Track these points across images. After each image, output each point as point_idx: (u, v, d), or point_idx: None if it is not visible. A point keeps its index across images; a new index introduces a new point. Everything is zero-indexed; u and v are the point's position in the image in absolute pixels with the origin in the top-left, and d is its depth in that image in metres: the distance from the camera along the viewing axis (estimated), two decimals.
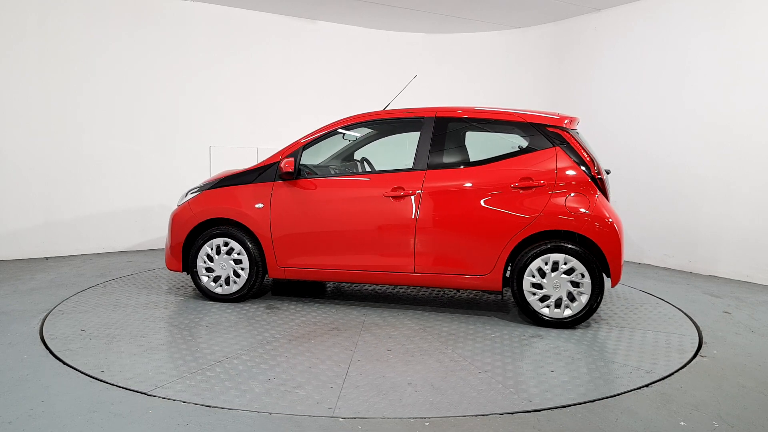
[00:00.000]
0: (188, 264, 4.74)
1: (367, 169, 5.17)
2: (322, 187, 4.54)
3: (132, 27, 6.97)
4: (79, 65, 6.69)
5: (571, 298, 4.14)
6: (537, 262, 4.14)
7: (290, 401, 2.91)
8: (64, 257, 6.65)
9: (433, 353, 3.66)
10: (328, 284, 5.45)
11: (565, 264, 4.11)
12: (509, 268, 4.28)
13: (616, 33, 7.18)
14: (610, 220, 4.10)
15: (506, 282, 4.34)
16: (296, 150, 4.59)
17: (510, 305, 4.79)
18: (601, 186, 4.25)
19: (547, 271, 4.14)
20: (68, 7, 6.59)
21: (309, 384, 3.14)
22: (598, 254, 4.14)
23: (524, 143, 4.38)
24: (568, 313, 4.15)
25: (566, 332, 4.08)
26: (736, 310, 4.79)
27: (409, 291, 5.27)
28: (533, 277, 4.17)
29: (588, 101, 7.58)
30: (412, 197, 4.33)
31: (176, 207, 4.90)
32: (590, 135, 7.55)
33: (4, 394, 2.90)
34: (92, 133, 6.82)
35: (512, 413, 2.79)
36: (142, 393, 2.94)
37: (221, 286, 4.68)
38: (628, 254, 7.14)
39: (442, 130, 4.48)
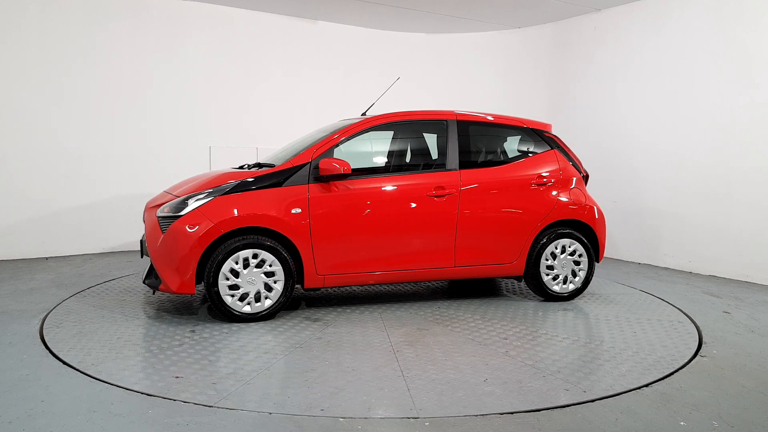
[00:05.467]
0: (204, 283, 4.10)
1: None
2: (364, 188, 4.41)
3: (132, 27, 6.97)
4: (79, 65, 6.70)
5: (573, 274, 4.95)
6: (550, 248, 4.87)
7: (551, 397, 2.99)
8: (64, 257, 6.65)
9: (543, 336, 4.01)
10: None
11: (570, 247, 4.92)
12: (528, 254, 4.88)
13: (616, 33, 7.19)
14: (598, 208, 5.07)
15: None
16: (329, 150, 4.38)
17: (501, 287, 4.84)
18: (586, 181, 5.19)
19: (557, 255, 4.89)
20: (68, 7, 6.59)
21: (530, 378, 3.23)
22: (590, 237, 5.03)
23: (529, 146, 5.06)
24: (571, 287, 4.96)
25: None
26: (736, 310, 4.79)
27: (401, 287, 5.28)
28: (547, 260, 4.87)
29: (587, 101, 7.58)
30: (453, 196, 4.58)
31: (172, 216, 4.10)
32: (589, 135, 7.58)
33: (4, 394, 2.90)
34: (92, 133, 6.82)
35: (512, 413, 2.79)
36: (142, 393, 2.94)
37: (249, 304, 4.14)
38: (628, 254, 7.15)
39: (465, 133, 4.84)
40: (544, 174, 4.91)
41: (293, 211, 4.20)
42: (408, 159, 5.02)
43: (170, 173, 7.17)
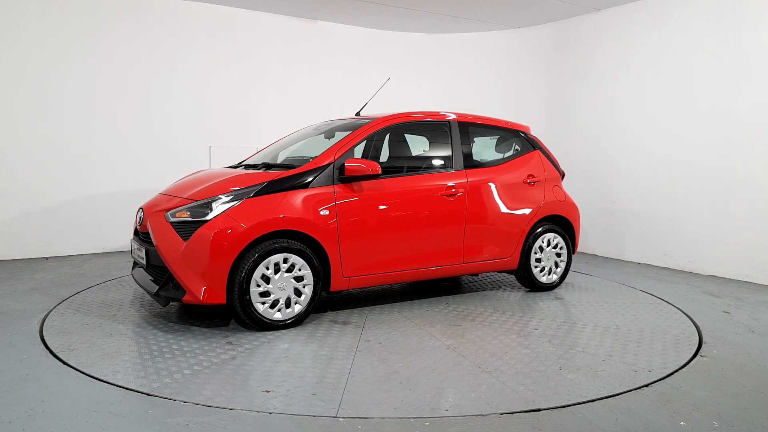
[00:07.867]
0: (232, 292, 3.85)
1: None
2: (386, 188, 4.42)
3: (131, 26, 6.97)
4: (79, 65, 6.69)
5: (556, 265, 5.37)
6: (538, 242, 5.22)
7: (630, 378, 3.23)
8: (64, 257, 6.65)
9: (566, 325, 4.26)
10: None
11: (554, 240, 5.32)
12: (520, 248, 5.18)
13: (616, 33, 7.19)
14: (575, 205, 5.51)
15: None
16: (349, 150, 4.35)
17: (487, 280, 4.99)
18: (562, 179, 5.57)
19: (544, 248, 5.27)
20: (68, 7, 6.59)
21: (596, 364, 3.42)
22: (568, 231, 5.46)
23: (517, 147, 5.37)
24: (554, 278, 5.38)
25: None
26: (736, 310, 4.79)
27: (388, 285, 5.28)
28: (536, 253, 5.22)
29: (587, 101, 7.58)
30: (462, 195, 4.77)
31: (195, 221, 3.84)
32: (589, 135, 7.58)
33: (4, 394, 2.90)
34: (92, 132, 6.82)
35: (512, 413, 2.79)
36: (142, 393, 2.94)
37: (280, 310, 3.98)
38: (628, 254, 7.15)
39: (466, 133, 5.04)
40: (532, 173, 5.26)
41: (321, 213, 4.11)
42: (418, 159, 5.05)
43: (170, 173, 7.16)
